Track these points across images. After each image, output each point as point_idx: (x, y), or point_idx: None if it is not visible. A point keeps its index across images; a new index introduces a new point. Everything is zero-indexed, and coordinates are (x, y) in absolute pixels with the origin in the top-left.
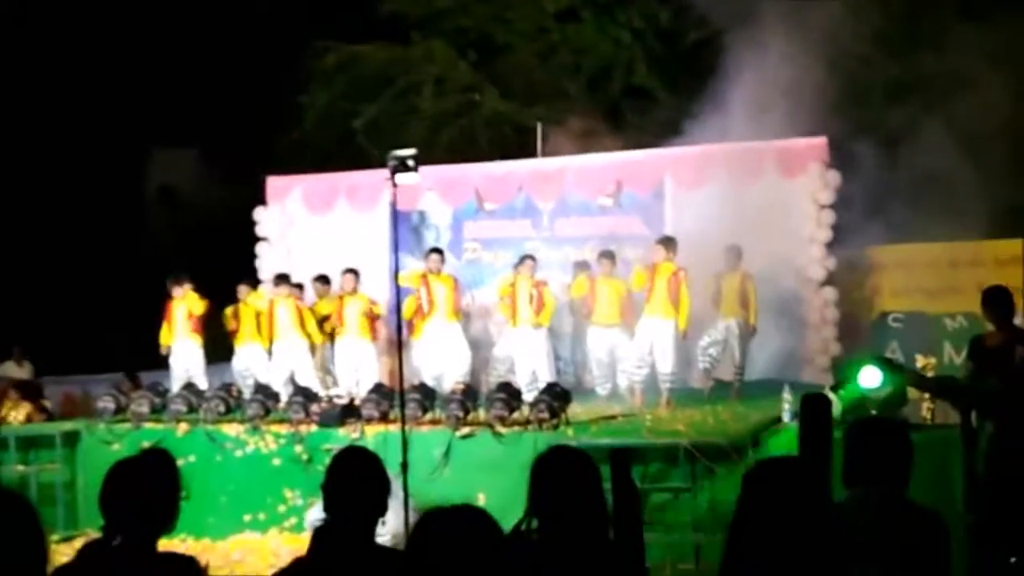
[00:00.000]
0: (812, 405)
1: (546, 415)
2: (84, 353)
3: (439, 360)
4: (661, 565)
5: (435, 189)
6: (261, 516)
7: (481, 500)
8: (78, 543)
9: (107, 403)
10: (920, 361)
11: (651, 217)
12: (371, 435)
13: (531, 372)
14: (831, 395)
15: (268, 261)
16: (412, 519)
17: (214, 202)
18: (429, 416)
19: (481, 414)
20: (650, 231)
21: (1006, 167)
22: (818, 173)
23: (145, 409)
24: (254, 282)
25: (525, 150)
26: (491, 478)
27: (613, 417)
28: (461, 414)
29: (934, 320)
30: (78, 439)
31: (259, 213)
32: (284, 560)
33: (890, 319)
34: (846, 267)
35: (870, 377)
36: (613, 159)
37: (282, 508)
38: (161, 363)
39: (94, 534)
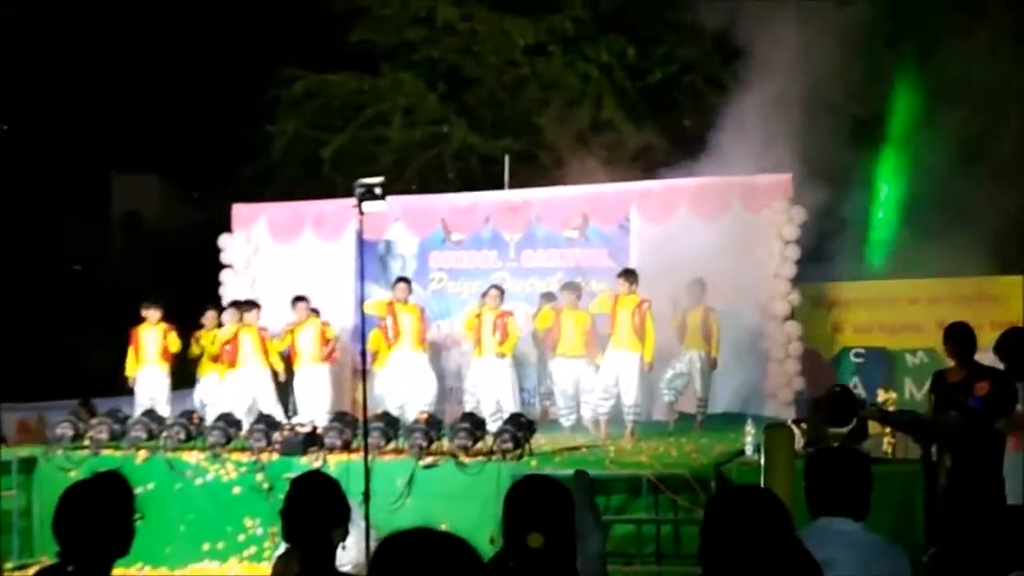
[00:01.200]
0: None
1: (510, 445)
2: (39, 379)
3: (404, 389)
4: None
5: (402, 219)
6: (220, 545)
7: (443, 530)
8: (33, 571)
9: (65, 429)
10: (881, 395)
11: (617, 250)
12: (334, 464)
13: (495, 402)
14: (793, 427)
15: (232, 288)
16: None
17: (179, 228)
18: (392, 445)
19: (445, 444)
20: (616, 264)
21: (967, 204)
22: (783, 209)
23: (104, 435)
24: (220, 309)
25: (492, 182)
26: (454, 508)
27: (577, 448)
28: (424, 444)
29: (895, 356)
30: (35, 466)
31: (224, 240)
32: None
33: (852, 354)
34: (809, 302)
35: None
36: (579, 192)
37: (242, 537)
38: (119, 389)
39: (50, 562)
